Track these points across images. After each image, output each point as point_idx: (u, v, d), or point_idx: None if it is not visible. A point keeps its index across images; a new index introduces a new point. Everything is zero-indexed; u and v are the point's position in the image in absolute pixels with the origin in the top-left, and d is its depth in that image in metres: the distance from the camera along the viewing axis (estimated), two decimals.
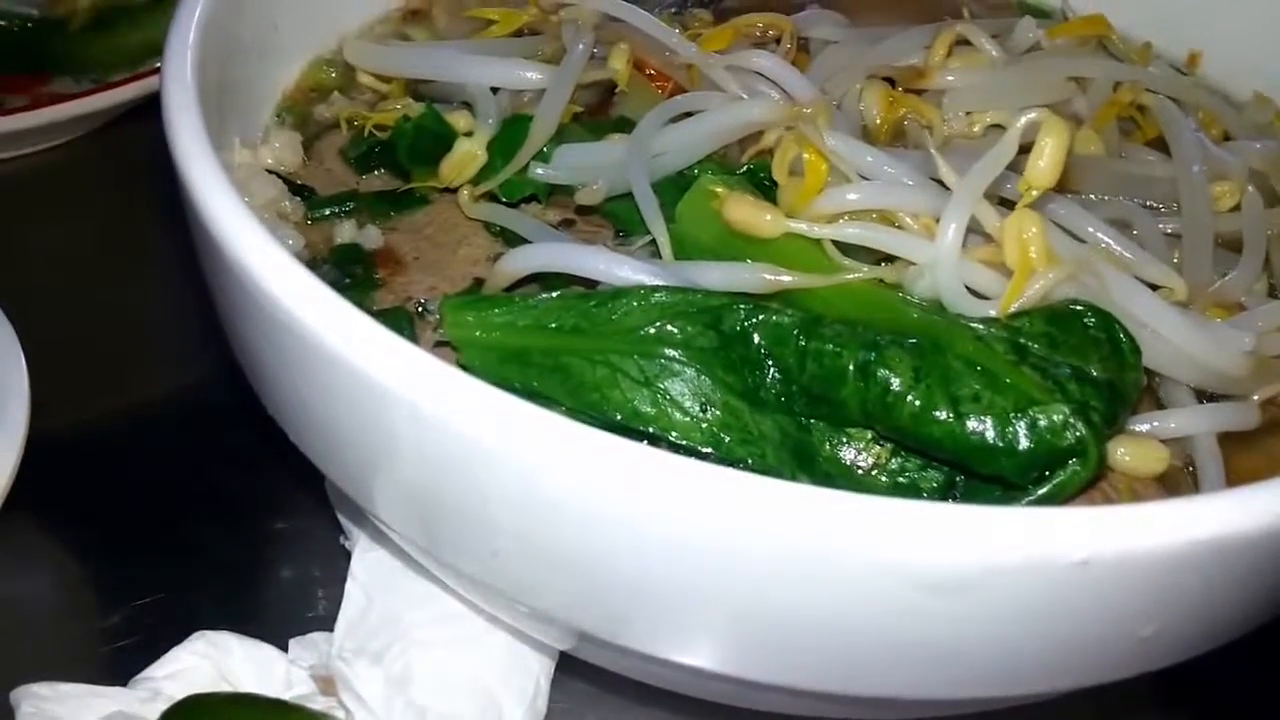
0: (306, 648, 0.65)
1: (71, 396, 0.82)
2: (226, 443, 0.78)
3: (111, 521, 0.76)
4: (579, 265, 0.59)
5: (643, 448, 0.45)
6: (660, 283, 0.58)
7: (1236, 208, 0.72)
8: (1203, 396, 0.63)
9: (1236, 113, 0.81)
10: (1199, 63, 0.92)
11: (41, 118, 0.95)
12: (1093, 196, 0.71)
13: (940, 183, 0.61)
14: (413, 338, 0.61)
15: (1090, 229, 0.65)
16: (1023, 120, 0.59)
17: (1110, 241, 0.64)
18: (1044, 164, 0.58)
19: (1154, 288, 0.64)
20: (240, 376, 0.61)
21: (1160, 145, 0.75)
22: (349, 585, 0.67)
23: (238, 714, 0.57)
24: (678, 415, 0.55)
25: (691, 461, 0.45)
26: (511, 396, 0.46)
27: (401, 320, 0.62)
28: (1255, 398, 0.63)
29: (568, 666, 0.68)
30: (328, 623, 0.67)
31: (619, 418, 0.55)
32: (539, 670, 0.66)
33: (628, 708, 0.70)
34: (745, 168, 0.67)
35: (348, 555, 0.69)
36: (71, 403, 0.82)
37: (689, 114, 0.69)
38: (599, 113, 0.75)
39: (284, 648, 0.66)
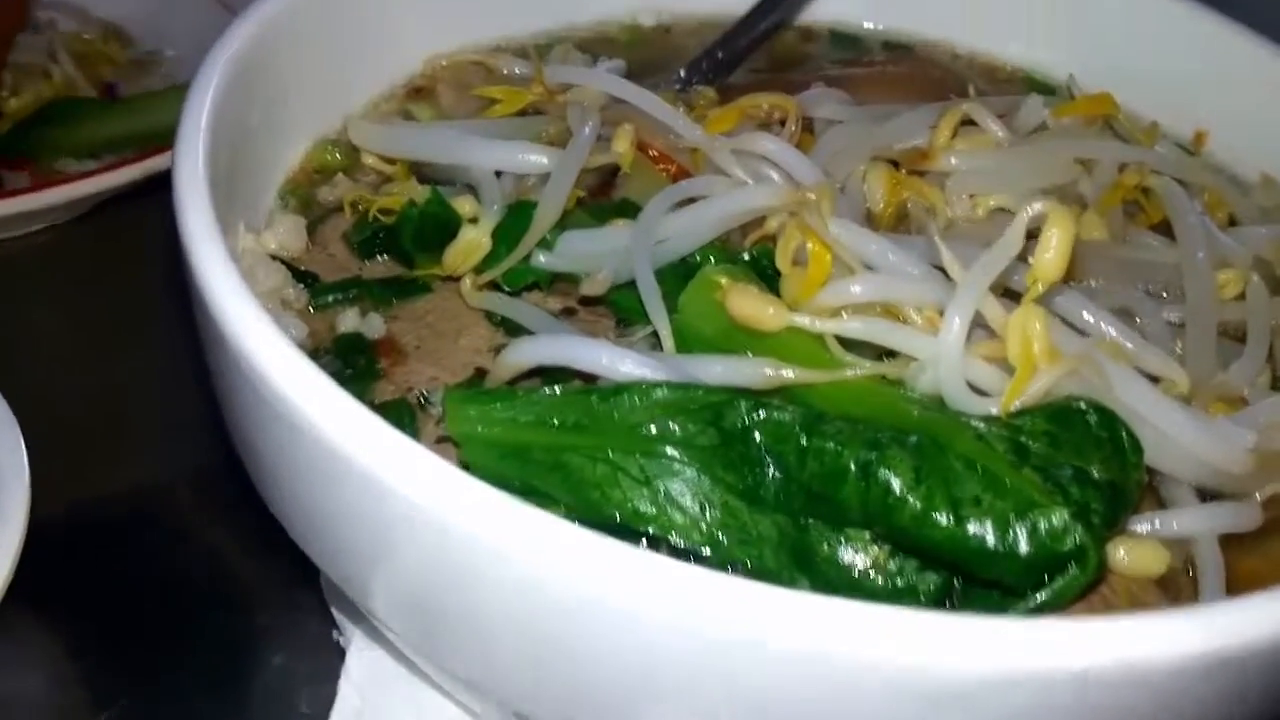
0: None
1: (70, 482, 0.83)
2: (223, 531, 0.79)
3: (107, 613, 0.77)
4: (581, 360, 0.60)
5: (640, 552, 0.46)
6: (661, 378, 0.59)
7: (1242, 295, 0.73)
8: (1205, 494, 0.64)
9: (1243, 195, 0.83)
10: (1205, 141, 0.94)
11: (42, 200, 0.96)
12: (1095, 283, 0.73)
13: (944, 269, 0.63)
14: (414, 432, 0.63)
15: (1093, 320, 0.66)
16: (1028, 212, 0.60)
17: (1113, 333, 0.66)
18: (1050, 257, 0.60)
19: (1157, 379, 0.65)
20: (237, 464, 0.62)
21: (1165, 228, 0.77)
22: (342, 684, 0.68)
23: None
24: (677, 515, 0.56)
25: (689, 567, 0.46)
26: (511, 498, 0.47)
27: (403, 413, 0.63)
28: (1257, 497, 0.64)
29: None
30: None
31: (619, 517, 0.56)
32: None
33: None
34: (748, 254, 0.69)
35: (341, 652, 0.70)
36: (70, 488, 0.83)
37: (692, 198, 0.70)
38: (602, 194, 0.77)
39: None
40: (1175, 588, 0.61)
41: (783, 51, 1.02)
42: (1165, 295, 0.74)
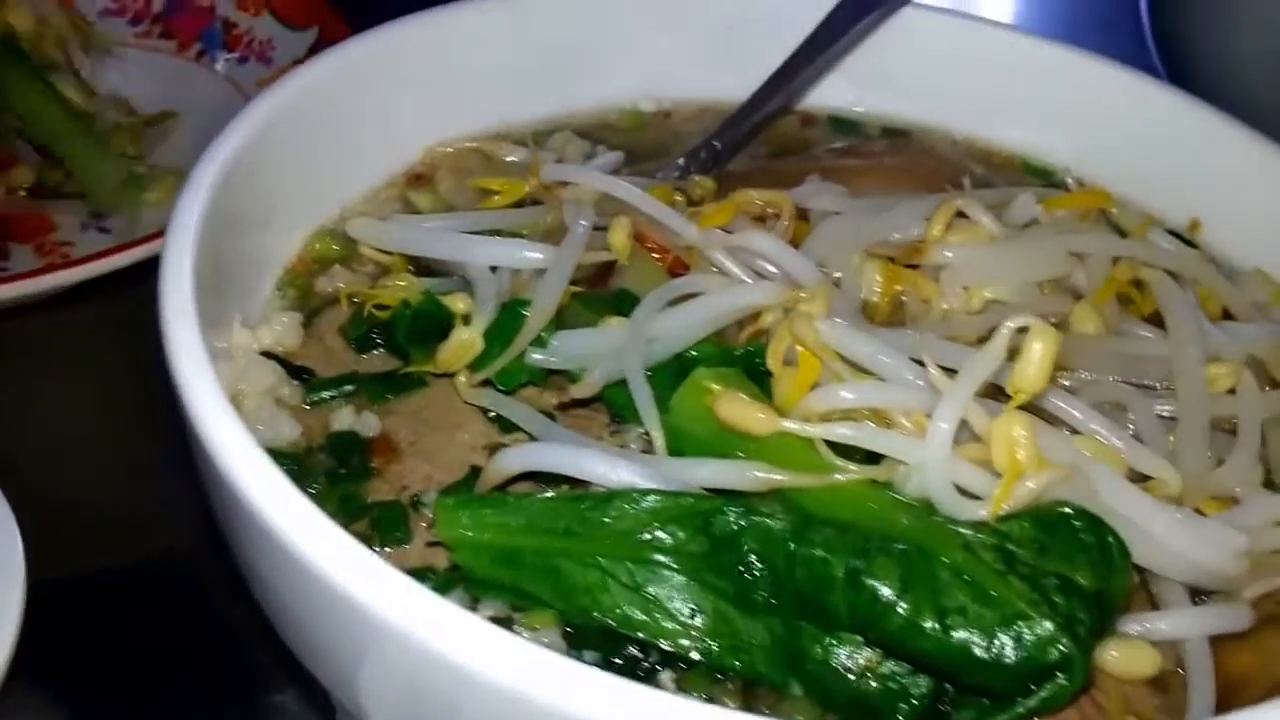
0: None
1: (67, 563, 0.84)
2: (220, 612, 0.80)
3: (104, 696, 0.77)
4: (572, 467, 0.62)
5: (615, 680, 0.47)
6: (652, 485, 0.60)
7: (1234, 390, 0.75)
8: (1196, 593, 0.65)
9: (1235, 288, 0.84)
10: (1200, 230, 0.95)
11: (45, 284, 0.97)
12: (1087, 375, 0.74)
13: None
14: (406, 534, 0.64)
15: (1082, 418, 0.67)
16: (1009, 326, 0.61)
17: (1102, 432, 0.67)
18: (1032, 371, 0.61)
19: (1148, 477, 0.67)
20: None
21: (1157, 319, 0.78)
22: None
23: None
24: (667, 622, 0.57)
25: (665, 696, 0.47)
26: (490, 625, 0.48)
27: (396, 516, 0.64)
28: (1247, 596, 0.65)
29: None
30: None
31: (610, 623, 0.57)
32: None
33: None
34: (742, 351, 0.70)
35: None
36: (67, 569, 0.84)
37: (687, 295, 0.72)
38: (600, 283, 0.78)
39: None
40: (1167, 687, 0.62)
41: (782, 137, 1.04)
42: (1158, 387, 0.75)
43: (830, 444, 0.62)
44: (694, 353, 0.70)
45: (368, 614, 0.50)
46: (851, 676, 0.58)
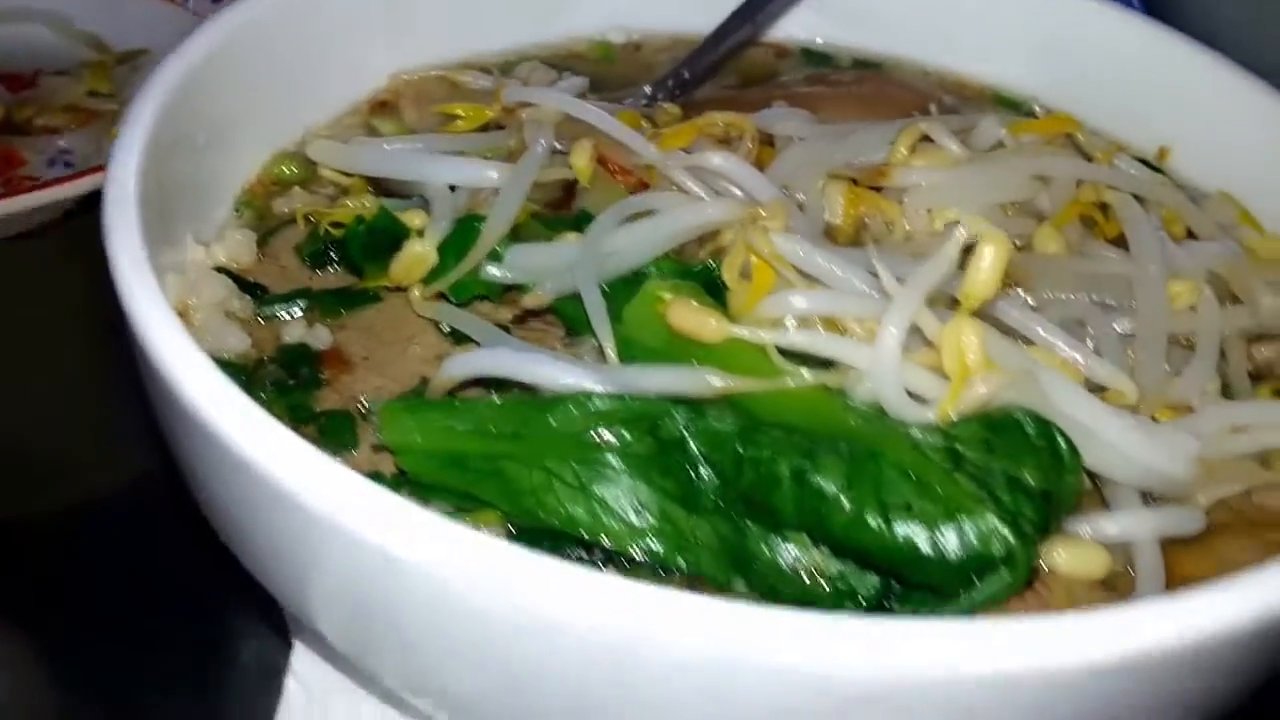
0: None
1: (21, 494, 0.85)
2: (176, 540, 0.80)
3: (58, 624, 0.78)
4: (521, 371, 0.62)
5: (548, 560, 0.47)
6: (601, 388, 0.60)
7: (1194, 307, 0.75)
8: (1149, 498, 0.65)
9: (1200, 210, 0.84)
10: (1168, 157, 0.95)
11: (14, 205, 0.97)
12: (1049, 294, 0.74)
13: None
14: (353, 440, 0.64)
15: (1039, 330, 0.67)
16: (960, 232, 0.62)
17: (1059, 344, 0.67)
18: (982, 276, 0.61)
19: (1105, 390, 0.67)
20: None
21: (1122, 242, 0.78)
22: (288, 681, 0.69)
23: None
24: (612, 522, 0.58)
25: (593, 574, 0.47)
26: (421, 509, 0.48)
27: (343, 423, 0.65)
28: (1201, 501, 0.65)
29: None
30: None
31: (555, 523, 0.58)
32: None
33: None
34: (700, 267, 0.70)
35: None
36: (21, 501, 0.84)
37: (646, 212, 0.72)
38: (562, 207, 0.78)
39: None
40: (1116, 588, 0.62)
41: (751, 67, 1.04)
42: (1118, 307, 0.75)
43: (783, 352, 0.63)
44: (652, 269, 0.70)
45: (307, 507, 0.50)
46: (799, 576, 0.58)
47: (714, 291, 0.67)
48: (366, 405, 0.66)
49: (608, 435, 0.59)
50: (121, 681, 0.74)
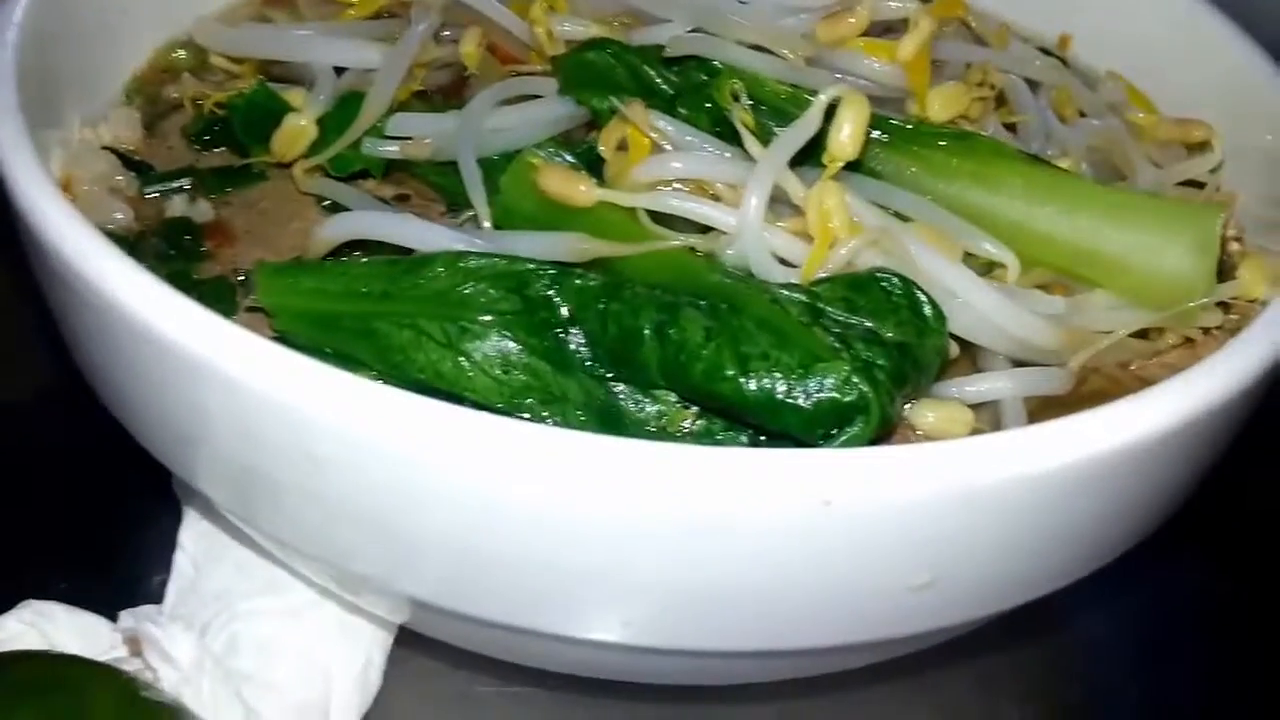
0: (137, 619, 0.69)
1: None
2: (69, 431, 0.82)
3: None
4: (392, 232, 0.63)
5: (406, 395, 0.49)
6: (470, 250, 0.62)
7: None
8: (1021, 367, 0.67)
9: (1091, 93, 0.86)
10: (1069, 45, 0.97)
11: None
12: None
13: None
14: (232, 307, 0.65)
15: (913, 202, 0.69)
16: (824, 95, 0.63)
17: (933, 212, 0.69)
18: (843, 138, 0.63)
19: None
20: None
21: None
22: (177, 556, 0.71)
23: (25, 668, 0.60)
24: (479, 377, 0.59)
25: (453, 408, 0.49)
26: (281, 348, 0.50)
27: (222, 290, 0.66)
28: (1071, 365, 0.67)
29: (411, 643, 0.72)
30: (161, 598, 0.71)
31: (422, 378, 0.59)
32: (371, 643, 0.70)
33: (472, 679, 0.74)
34: (583, 147, 0.71)
35: None
36: None
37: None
38: (452, 95, 0.79)
39: (115, 620, 0.69)
40: None
41: None
42: None
43: (655, 220, 0.64)
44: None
45: (171, 350, 0.52)
46: (667, 433, 0.60)
47: (596, 171, 0.69)
48: (246, 274, 0.68)
49: (475, 293, 0.60)
50: (10, 565, 0.75)
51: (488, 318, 0.60)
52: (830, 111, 0.64)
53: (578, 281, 0.61)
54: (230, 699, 0.63)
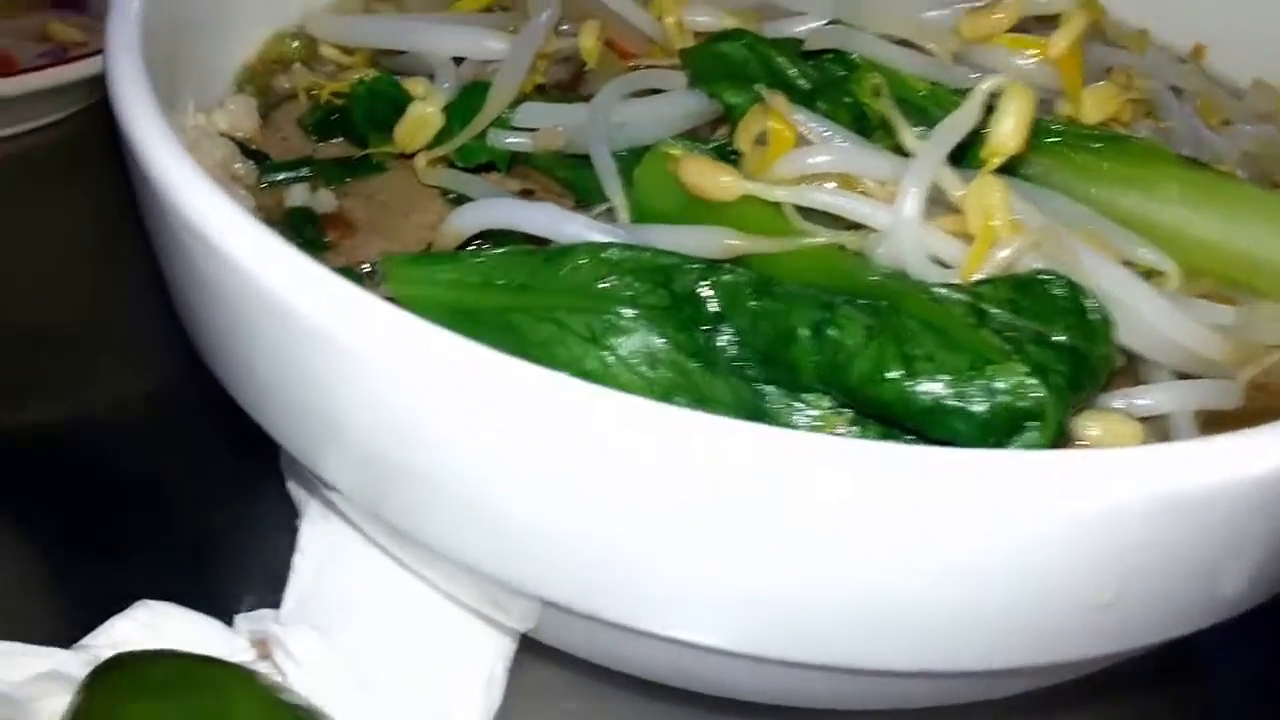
0: (253, 622, 0.66)
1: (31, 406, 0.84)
2: (186, 434, 0.80)
3: (65, 507, 0.77)
4: (528, 222, 0.60)
5: (582, 384, 0.46)
6: (612, 241, 0.59)
7: None
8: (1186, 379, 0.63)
9: (1238, 101, 0.82)
10: (1204, 55, 0.93)
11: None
12: None
13: None
14: None
15: (1070, 210, 0.66)
16: (986, 85, 0.60)
17: (1094, 219, 0.65)
18: (1006, 130, 0.60)
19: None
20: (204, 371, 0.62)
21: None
22: (296, 559, 0.68)
23: (164, 667, 0.58)
24: (626, 374, 0.56)
25: (622, 397, 0.46)
26: (438, 328, 0.47)
27: (351, 280, 0.63)
28: (1240, 379, 0.63)
29: (535, 652, 0.69)
30: (278, 604, 0.68)
31: (567, 373, 0.56)
32: (495, 653, 0.67)
33: (599, 693, 0.70)
34: (714, 143, 0.69)
35: None
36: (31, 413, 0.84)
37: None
38: (570, 89, 0.77)
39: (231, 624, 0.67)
40: None
41: None
42: None
43: (801, 214, 0.61)
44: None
45: (319, 332, 0.49)
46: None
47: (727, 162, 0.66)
48: (371, 265, 0.65)
49: (620, 285, 0.57)
50: (125, 570, 0.73)
51: (633, 312, 0.57)
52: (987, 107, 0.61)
53: (728, 277, 0.57)
54: (359, 704, 0.60)
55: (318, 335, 0.50)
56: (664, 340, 0.57)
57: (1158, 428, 0.61)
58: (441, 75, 0.70)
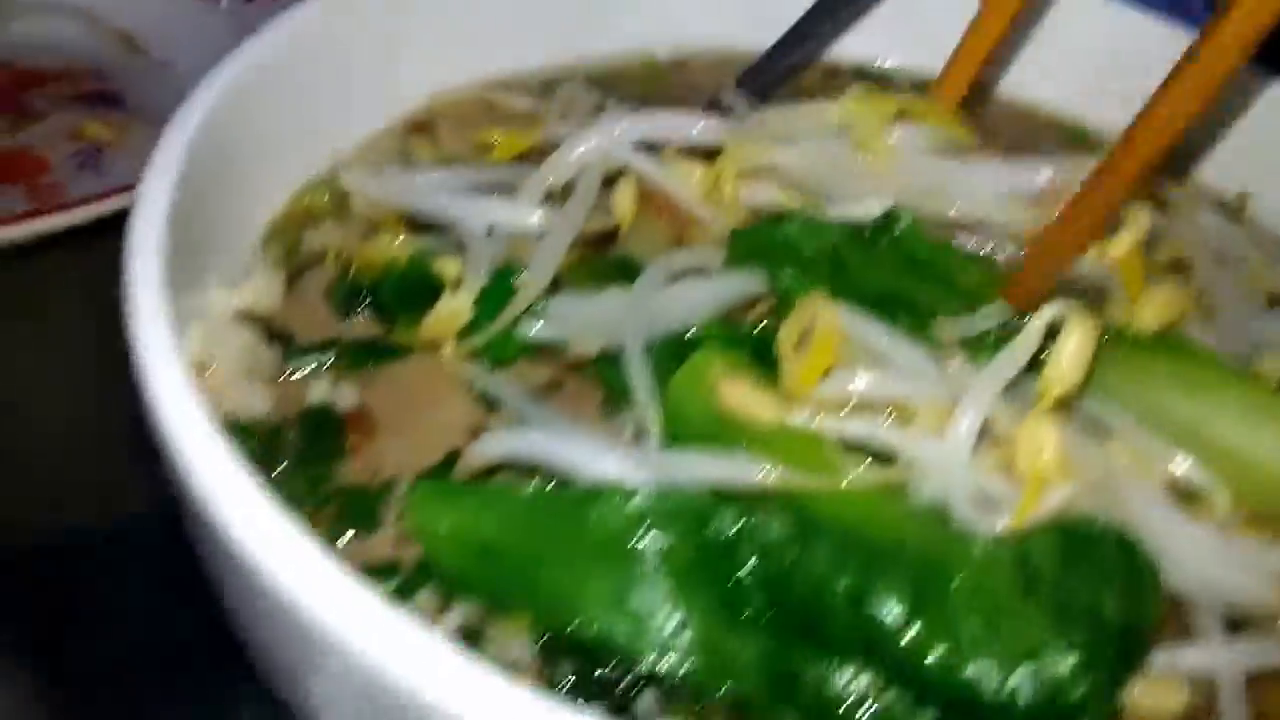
0: None
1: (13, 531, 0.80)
2: (174, 594, 0.75)
3: (48, 675, 0.73)
4: (555, 457, 0.57)
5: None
6: (641, 480, 0.55)
7: None
8: (1232, 623, 0.59)
9: None
10: (1248, 204, 0.89)
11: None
12: None
13: None
14: (375, 521, 0.59)
15: (1120, 423, 0.62)
16: (1045, 315, 0.56)
17: (1143, 440, 0.61)
18: (1066, 363, 0.56)
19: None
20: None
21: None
22: None
23: None
24: (647, 638, 0.52)
25: None
26: (442, 644, 0.43)
27: (366, 502, 0.59)
28: None
29: None
30: None
31: (588, 635, 0.52)
32: None
33: None
34: (750, 331, 0.65)
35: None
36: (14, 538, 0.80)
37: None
38: (601, 246, 0.73)
39: None
40: None
41: (804, 92, 0.97)
42: None
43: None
44: (698, 332, 0.64)
45: (314, 624, 0.45)
46: (848, 705, 0.53)
47: (764, 358, 0.62)
48: (391, 479, 0.61)
49: (649, 539, 0.53)
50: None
51: (661, 570, 0.53)
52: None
53: (763, 529, 0.54)
54: None
55: (296, 614, 0.45)
56: (690, 601, 0.53)
57: (1202, 684, 0.57)
58: (474, 257, 0.66)
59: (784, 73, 0.94)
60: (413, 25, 0.83)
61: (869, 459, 0.57)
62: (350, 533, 0.59)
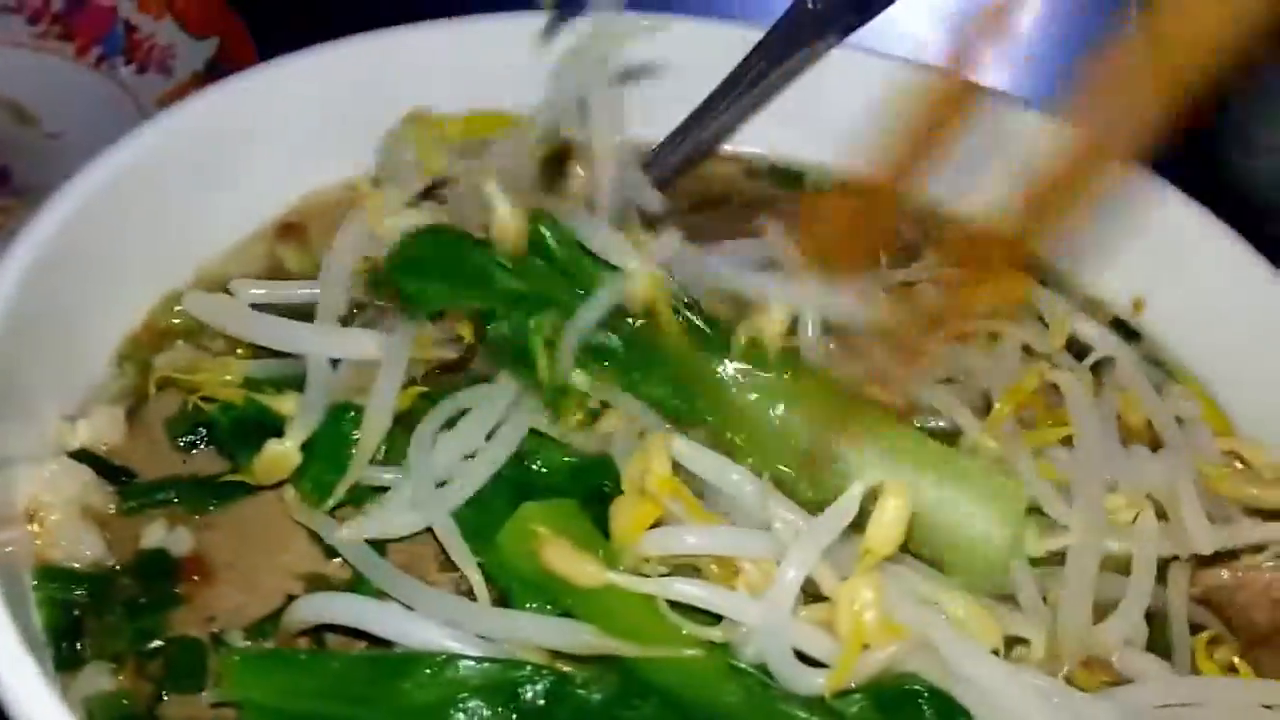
0: None
1: None
2: None
3: None
4: (371, 624, 0.60)
5: None
6: (459, 647, 0.59)
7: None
8: None
9: (1161, 401, 0.81)
10: (1143, 309, 0.92)
11: None
12: None
13: None
14: (201, 680, 0.61)
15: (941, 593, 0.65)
16: (859, 487, 0.60)
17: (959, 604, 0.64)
18: (883, 533, 0.59)
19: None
20: None
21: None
22: None
23: None
24: None
25: None
26: None
27: (192, 656, 0.62)
28: None
29: None
30: None
31: None
32: None
33: None
34: (585, 461, 0.69)
35: None
36: None
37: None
38: (458, 369, 0.75)
39: None
40: None
41: (707, 184, 1.00)
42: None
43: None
44: (538, 464, 0.69)
45: None
46: None
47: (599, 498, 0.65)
48: (222, 630, 0.64)
49: (467, 708, 0.57)
50: None
51: None
52: None
53: (579, 695, 0.57)
54: None
55: None
56: None
57: None
58: (310, 395, 0.69)
59: (679, 167, 0.97)
60: (281, 124, 0.86)
61: (695, 616, 0.60)
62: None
